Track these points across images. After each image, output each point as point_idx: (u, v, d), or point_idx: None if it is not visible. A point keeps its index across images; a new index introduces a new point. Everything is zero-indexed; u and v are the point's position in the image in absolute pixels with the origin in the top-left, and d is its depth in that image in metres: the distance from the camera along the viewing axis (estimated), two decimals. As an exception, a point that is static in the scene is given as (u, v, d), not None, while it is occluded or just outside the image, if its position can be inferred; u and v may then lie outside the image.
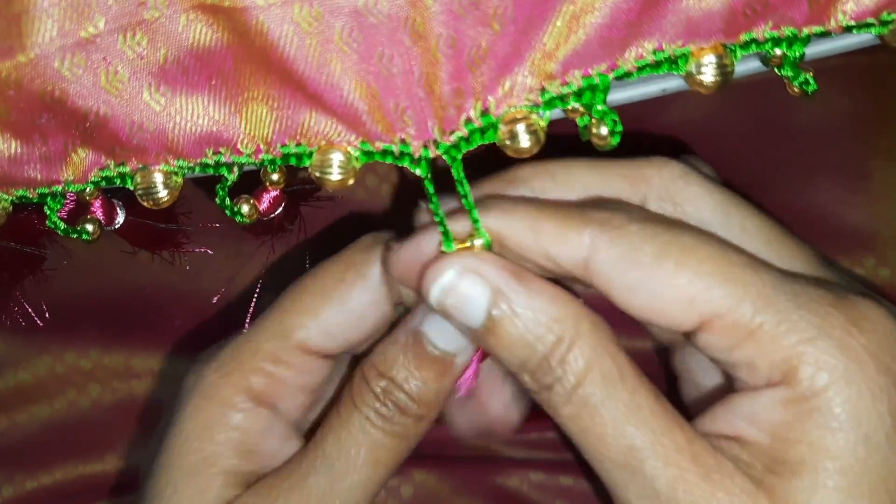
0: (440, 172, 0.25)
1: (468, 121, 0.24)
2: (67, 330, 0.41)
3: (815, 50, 0.25)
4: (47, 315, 0.33)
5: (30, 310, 0.31)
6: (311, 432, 0.29)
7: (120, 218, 0.29)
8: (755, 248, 0.25)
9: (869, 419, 0.22)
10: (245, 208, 0.27)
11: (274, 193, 0.27)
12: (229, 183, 0.26)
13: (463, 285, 0.25)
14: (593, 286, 0.25)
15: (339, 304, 0.28)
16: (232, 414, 0.27)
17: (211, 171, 0.25)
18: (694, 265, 0.23)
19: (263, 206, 0.27)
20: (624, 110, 0.25)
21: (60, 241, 0.30)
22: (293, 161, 0.25)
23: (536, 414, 0.39)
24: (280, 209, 0.28)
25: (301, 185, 0.30)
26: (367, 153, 0.24)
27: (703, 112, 0.42)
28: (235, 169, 0.25)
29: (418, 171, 0.24)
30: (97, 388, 0.42)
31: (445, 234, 0.25)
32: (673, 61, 0.24)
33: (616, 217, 0.24)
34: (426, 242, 0.26)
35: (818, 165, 0.41)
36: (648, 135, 0.42)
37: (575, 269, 0.25)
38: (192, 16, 0.23)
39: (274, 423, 0.28)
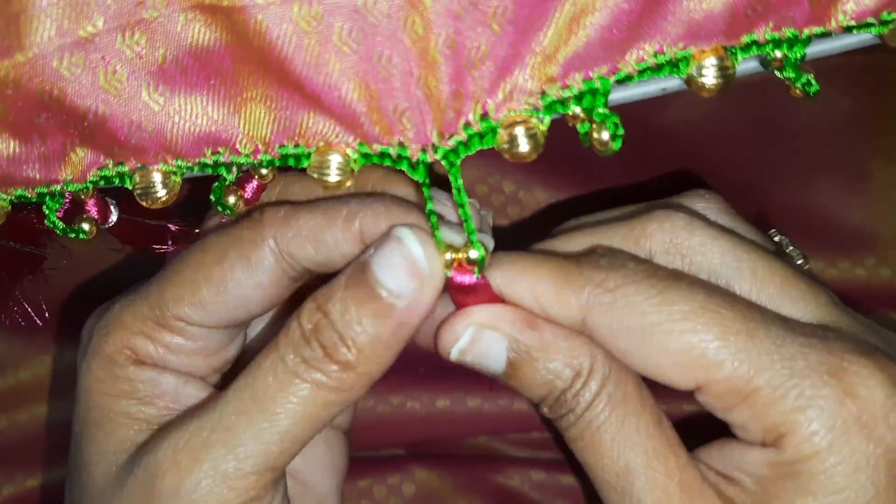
0: (438, 179, 0.25)
1: (467, 125, 0.24)
2: (68, 329, 0.41)
3: (814, 50, 0.25)
4: (47, 314, 0.33)
5: (29, 309, 0.31)
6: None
7: (113, 216, 0.28)
8: (766, 292, 0.26)
9: (851, 487, 0.23)
10: (231, 199, 0.27)
11: (256, 183, 0.27)
12: (227, 183, 0.26)
13: (480, 343, 0.25)
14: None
15: (216, 286, 0.26)
16: (117, 369, 0.27)
17: (209, 171, 0.25)
18: (689, 331, 0.24)
19: (247, 194, 0.27)
20: (624, 110, 0.25)
21: (60, 241, 0.30)
22: (291, 162, 0.25)
23: (537, 415, 0.39)
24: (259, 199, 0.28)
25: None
26: (365, 155, 0.24)
27: (703, 112, 0.42)
28: (234, 169, 0.25)
29: (416, 176, 0.24)
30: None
31: (439, 245, 0.25)
32: (674, 64, 0.24)
33: (612, 278, 0.25)
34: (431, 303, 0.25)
35: (818, 165, 0.41)
36: (648, 135, 0.42)
37: (574, 326, 0.25)
38: (191, 15, 0.23)
39: (167, 377, 0.27)
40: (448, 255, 0.25)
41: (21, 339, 0.41)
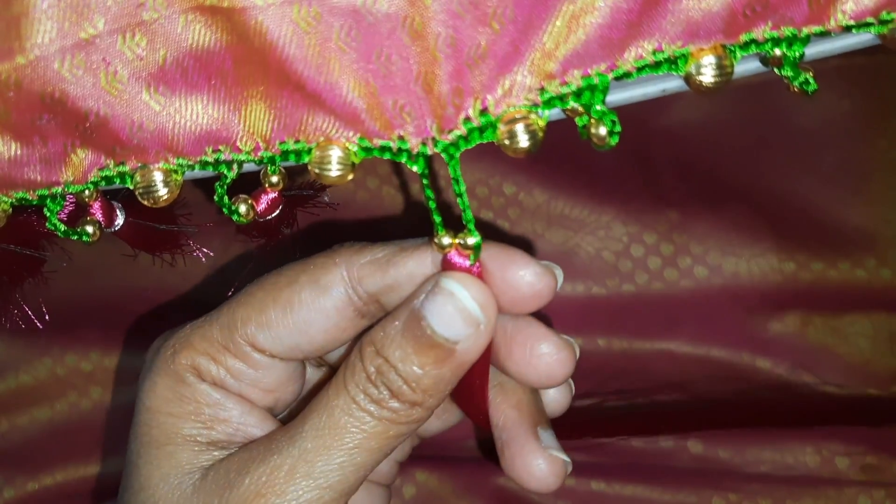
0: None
1: (467, 119, 0.24)
2: (68, 332, 0.41)
3: (814, 51, 0.25)
4: (47, 317, 0.33)
5: (30, 312, 0.31)
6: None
7: (119, 220, 0.28)
8: None
9: None
10: (243, 208, 0.27)
11: (272, 195, 0.27)
12: (228, 181, 0.26)
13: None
14: None
15: (283, 306, 0.27)
16: (184, 388, 0.27)
17: (211, 170, 0.25)
18: None
19: (261, 207, 0.27)
20: (624, 111, 0.25)
21: (60, 244, 0.30)
22: (292, 158, 0.25)
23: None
24: (277, 211, 0.28)
25: (300, 189, 0.30)
26: (366, 149, 0.24)
27: (703, 112, 0.42)
28: (235, 167, 0.25)
29: (416, 168, 0.24)
30: (98, 390, 0.42)
31: (438, 227, 0.26)
32: (672, 62, 0.24)
33: None
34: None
35: (818, 166, 0.41)
36: (648, 136, 0.42)
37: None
38: (191, 16, 0.23)
39: (233, 402, 0.28)
40: (446, 240, 0.26)
41: (21, 342, 0.41)
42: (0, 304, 0.31)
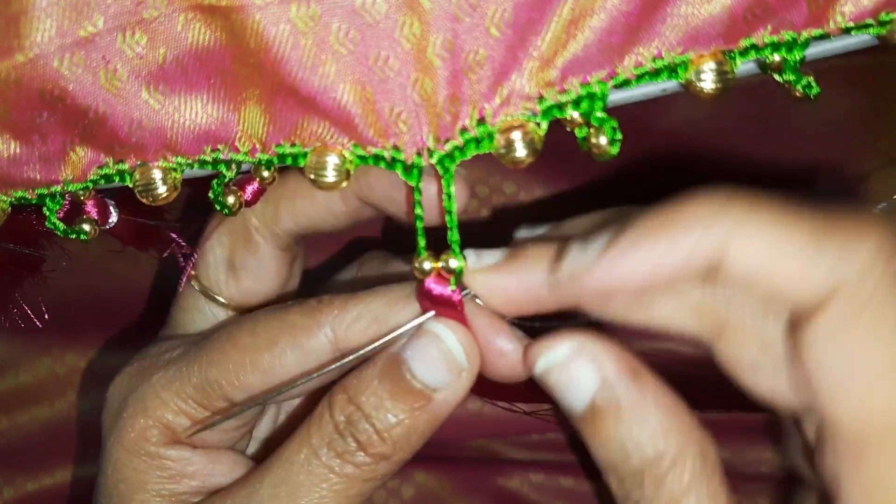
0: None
1: (464, 129, 0.23)
2: (68, 332, 0.41)
3: (813, 51, 0.25)
4: (46, 317, 0.33)
5: (29, 311, 0.31)
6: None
7: (113, 217, 0.28)
8: None
9: None
10: (230, 199, 0.26)
11: (256, 185, 0.27)
12: (227, 179, 0.26)
13: (574, 365, 0.23)
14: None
15: (265, 372, 0.26)
16: (149, 446, 0.27)
17: (209, 168, 0.25)
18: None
19: (247, 196, 0.27)
20: (623, 111, 0.25)
21: (60, 243, 0.30)
22: (289, 161, 0.25)
23: (536, 416, 0.39)
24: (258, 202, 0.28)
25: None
26: (361, 157, 0.24)
27: (703, 112, 0.42)
28: (233, 166, 0.25)
29: (410, 181, 0.24)
30: (98, 389, 0.42)
31: (420, 250, 0.24)
32: (672, 69, 0.24)
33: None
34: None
35: (818, 166, 0.41)
36: (648, 135, 0.42)
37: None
38: (191, 15, 0.23)
39: (199, 455, 0.27)
40: (427, 265, 0.24)
41: (21, 340, 0.41)
42: (0, 303, 0.31)
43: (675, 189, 0.45)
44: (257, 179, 0.26)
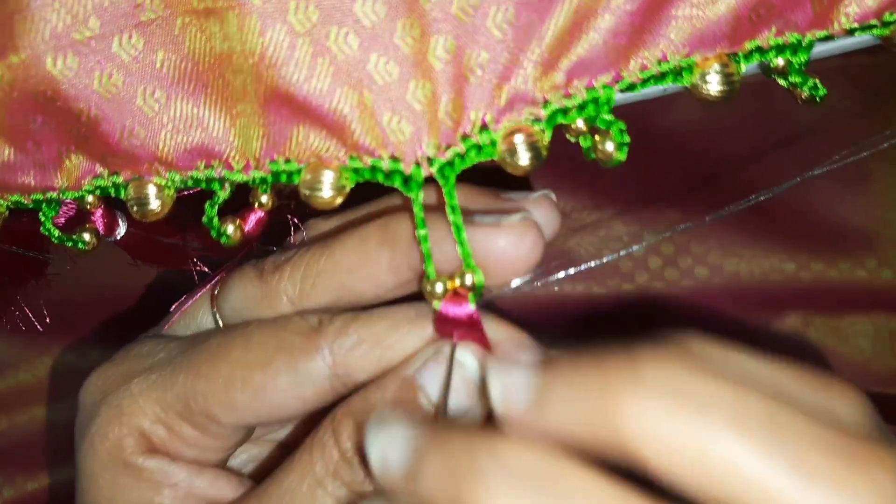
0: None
1: (465, 136, 0.23)
2: (68, 332, 0.41)
3: (815, 50, 0.25)
4: (48, 319, 0.33)
5: (30, 314, 0.31)
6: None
7: (121, 229, 0.28)
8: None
9: None
10: (230, 229, 0.25)
11: (259, 214, 0.26)
12: (219, 200, 0.25)
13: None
14: None
15: (254, 392, 0.24)
16: (126, 455, 0.25)
17: (203, 186, 0.24)
18: None
19: (248, 226, 0.26)
20: (624, 111, 0.25)
21: (63, 246, 0.30)
22: (283, 178, 0.24)
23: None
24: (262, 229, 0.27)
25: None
26: (356, 170, 0.23)
27: (704, 113, 0.42)
28: (227, 186, 0.24)
29: (409, 193, 0.23)
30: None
31: (429, 273, 0.23)
32: (678, 73, 0.23)
33: None
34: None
35: (818, 166, 0.41)
36: (649, 135, 0.42)
37: None
38: (188, 19, 0.22)
39: (179, 468, 0.25)
40: (439, 287, 0.23)
41: (21, 340, 0.41)
42: (1, 305, 0.31)
43: (674, 189, 0.45)
44: (256, 205, 0.25)
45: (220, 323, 0.27)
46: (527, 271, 0.24)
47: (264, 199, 0.25)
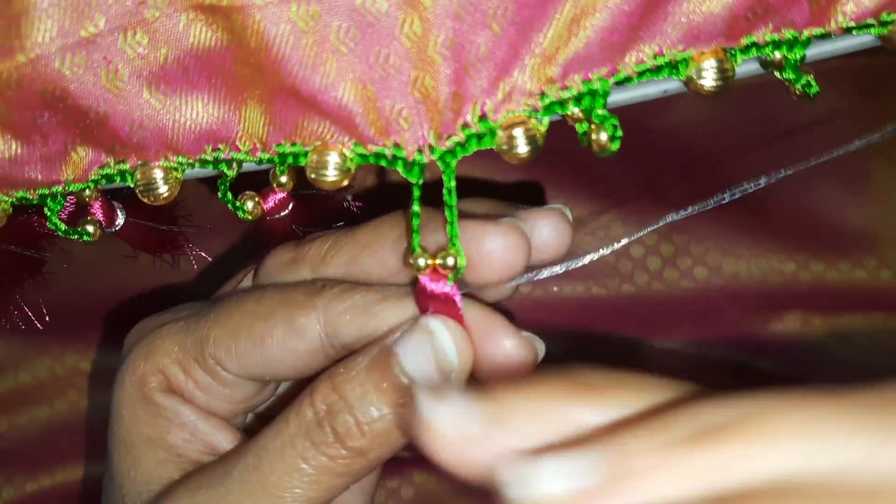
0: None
1: (465, 126, 0.23)
2: (68, 332, 0.41)
3: (814, 52, 0.25)
4: (47, 318, 0.33)
5: (29, 313, 0.31)
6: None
7: (120, 220, 0.28)
8: None
9: None
10: (249, 205, 0.27)
11: (281, 195, 0.27)
12: (229, 179, 0.26)
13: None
14: None
15: (254, 339, 0.26)
16: (147, 391, 0.27)
17: (210, 168, 0.25)
18: None
19: (269, 205, 0.27)
20: (624, 111, 0.25)
21: (60, 244, 0.30)
22: (290, 160, 0.24)
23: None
24: (287, 210, 0.28)
25: (311, 189, 0.30)
26: (361, 155, 0.24)
27: (704, 113, 0.42)
28: (235, 165, 0.25)
29: (411, 178, 0.24)
30: (98, 390, 0.42)
31: (415, 246, 0.24)
32: (673, 66, 0.24)
33: None
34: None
35: (818, 167, 0.41)
36: (649, 135, 0.42)
37: None
38: (192, 15, 0.23)
39: (189, 409, 0.27)
40: (422, 261, 0.24)
41: (21, 340, 0.41)
42: (0, 304, 0.31)
43: (674, 189, 0.45)
44: (275, 185, 0.26)
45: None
46: (510, 272, 0.25)
47: (283, 179, 0.26)
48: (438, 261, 0.24)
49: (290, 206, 0.28)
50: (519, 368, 0.25)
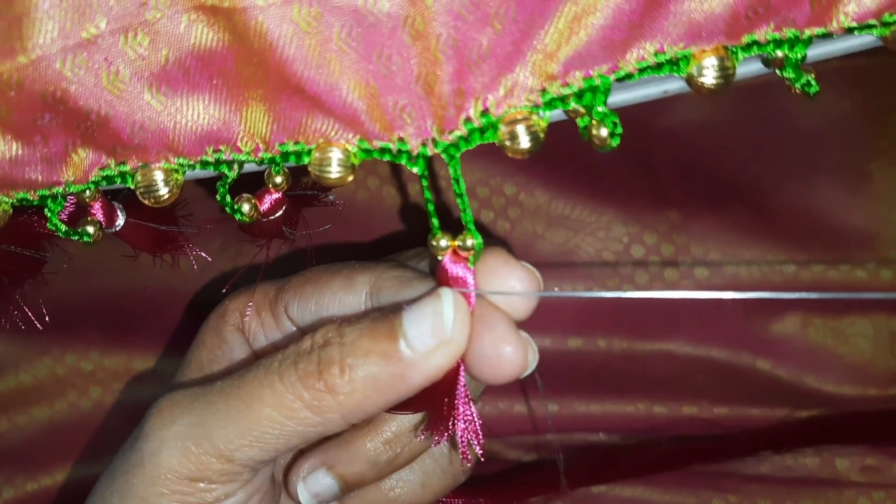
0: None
1: (468, 120, 0.24)
2: (68, 332, 0.41)
3: (815, 52, 0.25)
4: (47, 318, 0.33)
5: (29, 313, 0.31)
6: None
7: (120, 220, 0.28)
8: None
9: None
10: (246, 207, 0.27)
11: (276, 196, 0.27)
12: (230, 180, 0.26)
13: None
14: None
15: (319, 287, 0.30)
16: (220, 326, 0.31)
17: (211, 169, 0.25)
18: None
19: (264, 206, 0.27)
20: (625, 111, 0.25)
21: (60, 244, 0.30)
22: (292, 159, 0.25)
23: (535, 418, 0.39)
24: (281, 212, 0.28)
25: (304, 189, 0.30)
26: (366, 151, 0.24)
27: (704, 113, 0.42)
28: (236, 167, 0.25)
29: (416, 170, 0.24)
30: (98, 390, 0.42)
31: (435, 229, 0.25)
32: (674, 63, 0.24)
33: None
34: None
35: (819, 167, 0.41)
36: (649, 136, 0.42)
37: None
38: (193, 16, 0.23)
39: (246, 347, 0.31)
40: (444, 242, 0.25)
41: (22, 340, 0.41)
42: (0, 305, 0.31)
43: (674, 189, 0.45)
44: (271, 187, 0.26)
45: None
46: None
47: (278, 179, 0.26)
48: (458, 242, 0.25)
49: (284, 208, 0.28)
50: (513, 369, 0.26)
